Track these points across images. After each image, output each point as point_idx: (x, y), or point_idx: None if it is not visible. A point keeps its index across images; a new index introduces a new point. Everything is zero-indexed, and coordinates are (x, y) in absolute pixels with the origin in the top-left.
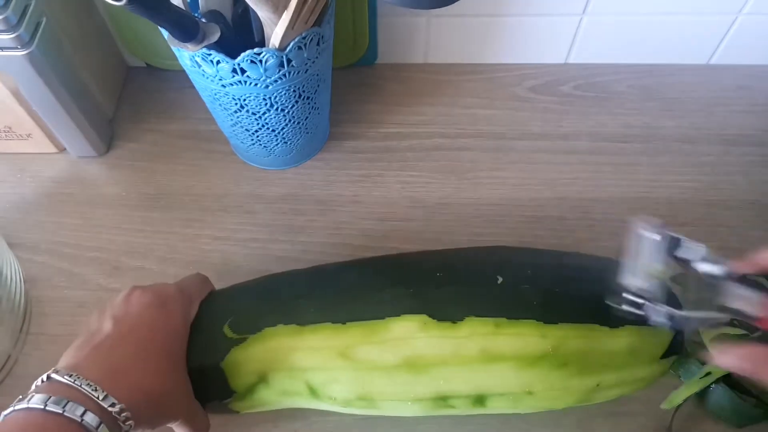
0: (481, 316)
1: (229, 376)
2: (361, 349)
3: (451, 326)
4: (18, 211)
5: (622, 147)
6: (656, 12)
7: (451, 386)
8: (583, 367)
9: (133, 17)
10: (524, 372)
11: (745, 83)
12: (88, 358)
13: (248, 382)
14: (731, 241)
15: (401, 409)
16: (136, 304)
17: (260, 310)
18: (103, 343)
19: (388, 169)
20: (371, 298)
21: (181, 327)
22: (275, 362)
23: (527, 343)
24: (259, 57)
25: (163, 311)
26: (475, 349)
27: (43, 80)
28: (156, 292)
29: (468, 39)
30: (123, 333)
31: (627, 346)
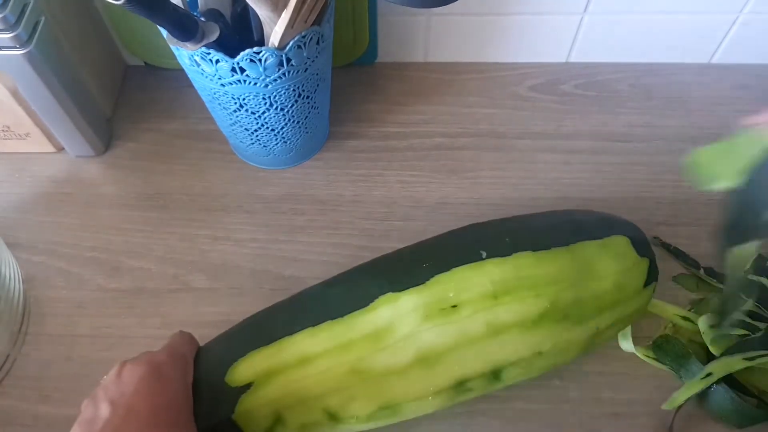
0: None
1: (244, 426)
2: (371, 359)
3: (452, 310)
4: (16, 210)
5: (623, 146)
6: (657, 11)
7: (466, 369)
8: (581, 315)
9: (131, 16)
10: (530, 334)
11: (746, 82)
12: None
13: (264, 426)
14: None
15: (423, 407)
16: (130, 380)
17: (253, 345)
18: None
19: (388, 169)
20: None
21: (182, 393)
22: (286, 398)
23: (526, 305)
24: (258, 56)
25: (160, 382)
26: (480, 326)
27: (42, 79)
28: (148, 362)
29: (468, 38)
30: (122, 416)
31: (612, 284)
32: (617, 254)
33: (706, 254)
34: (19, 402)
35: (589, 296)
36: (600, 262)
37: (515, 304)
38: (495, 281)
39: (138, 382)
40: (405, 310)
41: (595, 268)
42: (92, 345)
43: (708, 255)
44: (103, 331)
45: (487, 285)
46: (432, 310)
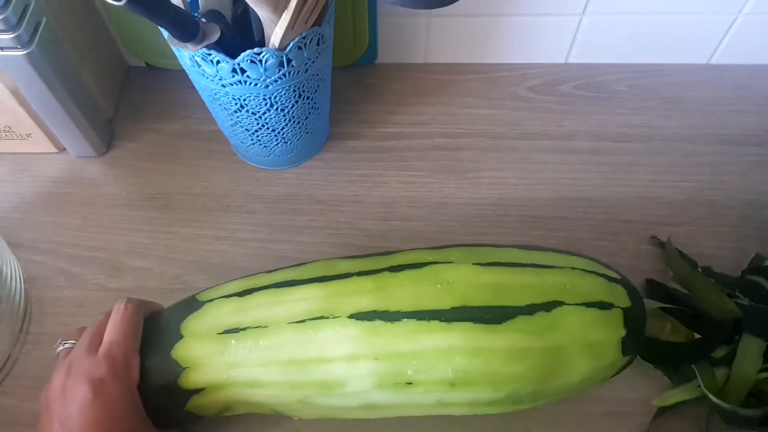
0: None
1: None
2: (318, 398)
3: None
4: (18, 210)
5: (622, 147)
6: (656, 12)
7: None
8: (536, 399)
9: (132, 17)
10: (480, 409)
11: (745, 83)
12: None
13: (215, 412)
14: (730, 240)
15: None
16: (72, 401)
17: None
18: None
19: (388, 169)
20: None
21: (123, 403)
22: (236, 402)
23: (482, 394)
24: (259, 57)
25: (100, 400)
26: (431, 400)
27: (43, 80)
28: (87, 379)
29: (468, 39)
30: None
31: (580, 380)
32: (598, 354)
33: (704, 254)
34: (21, 401)
35: (549, 389)
36: (575, 361)
37: (471, 393)
38: (457, 370)
39: (81, 405)
40: (360, 373)
41: (568, 365)
42: None
43: (707, 255)
44: None
45: (449, 373)
46: (386, 381)
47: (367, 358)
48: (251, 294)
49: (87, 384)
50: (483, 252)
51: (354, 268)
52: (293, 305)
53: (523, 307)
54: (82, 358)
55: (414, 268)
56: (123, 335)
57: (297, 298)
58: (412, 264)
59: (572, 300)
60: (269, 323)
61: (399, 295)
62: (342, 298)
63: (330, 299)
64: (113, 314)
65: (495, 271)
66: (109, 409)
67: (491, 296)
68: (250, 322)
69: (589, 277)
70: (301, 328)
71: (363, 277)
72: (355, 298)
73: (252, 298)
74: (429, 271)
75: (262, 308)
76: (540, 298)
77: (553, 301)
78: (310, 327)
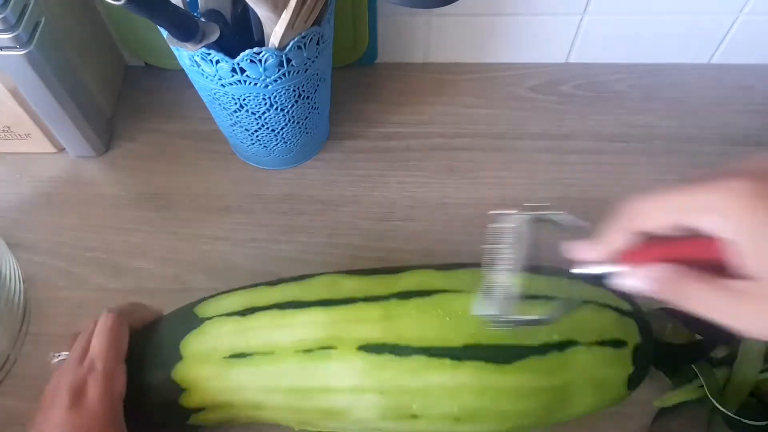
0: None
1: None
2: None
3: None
4: (17, 210)
5: (622, 147)
6: (657, 11)
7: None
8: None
9: (132, 17)
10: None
11: (745, 83)
12: None
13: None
14: None
15: None
16: (53, 409)
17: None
18: None
19: (388, 169)
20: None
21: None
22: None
23: (486, 427)
24: (258, 56)
25: (76, 409)
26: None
27: (42, 80)
28: (68, 387)
29: (468, 38)
30: None
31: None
32: (605, 390)
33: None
34: (20, 402)
35: (552, 420)
36: (581, 396)
37: (475, 426)
38: (463, 407)
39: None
40: (364, 404)
41: (574, 400)
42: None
43: None
44: None
45: (454, 409)
46: (391, 414)
47: (372, 392)
48: (253, 314)
49: (67, 392)
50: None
51: (360, 291)
52: (298, 330)
53: (536, 347)
54: (69, 368)
55: (422, 296)
56: (106, 346)
57: (301, 322)
58: (421, 291)
59: (586, 339)
60: (274, 349)
61: (407, 327)
62: (349, 326)
63: (336, 326)
64: (98, 325)
65: None
66: (84, 417)
67: (503, 334)
68: (254, 348)
69: (603, 312)
70: (308, 358)
71: (370, 304)
72: (362, 326)
73: (254, 318)
74: (438, 302)
75: (265, 331)
76: (554, 336)
77: (567, 341)
78: (316, 356)
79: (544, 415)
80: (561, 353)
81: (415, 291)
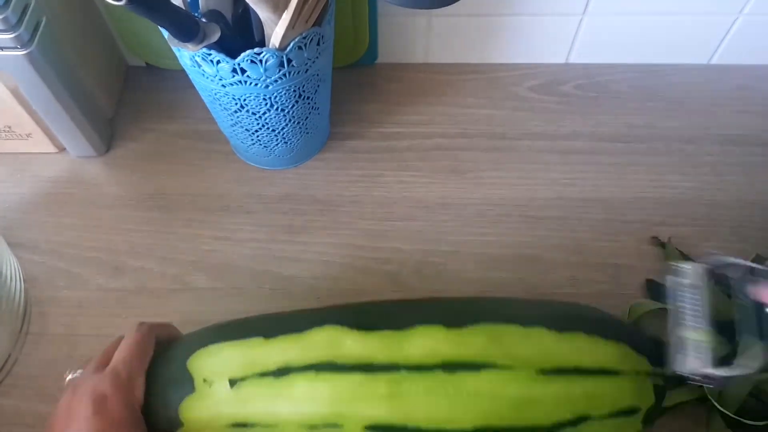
0: None
1: None
2: None
3: None
4: (18, 210)
5: (622, 147)
6: (657, 12)
7: None
8: None
9: (133, 17)
10: None
11: (745, 83)
12: None
13: None
14: (731, 241)
15: None
16: (75, 419)
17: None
18: None
19: (388, 169)
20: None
21: (124, 420)
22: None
23: None
24: (259, 57)
25: (100, 416)
26: None
27: (43, 80)
28: (89, 394)
29: (468, 39)
30: None
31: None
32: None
33: (704, 254)
34: (21, 402)
35: None
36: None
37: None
38: None
39: (82, 424)
40: None
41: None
42: (93, 345)
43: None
44: (104, 331)
45: None
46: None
47: None
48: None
49: (89, 399)
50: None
51: (364, 357)
52: (301, 405)
53: (549, 427)
54: (87, 378)
55: (431, 370)
56: (130, 354)
57: (304, 396)
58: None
59: (599, 412)
60: (277, 422)
61: (415, 406)
62: (354, 404)
63: (341, 403)
64: (126, 335)
65: (521, 382)
66: (108, 425)
67: (517, 416)
68: (255, 419)
69: (620, 380)
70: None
71: (376, 378)
72: (368, 404)
73: (252, 386)
74: (448, 380)
75: (266, 402)
76: (567, 414)
77: (580, 417)
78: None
79: None
80: (574, 428)
81: (424, 365)
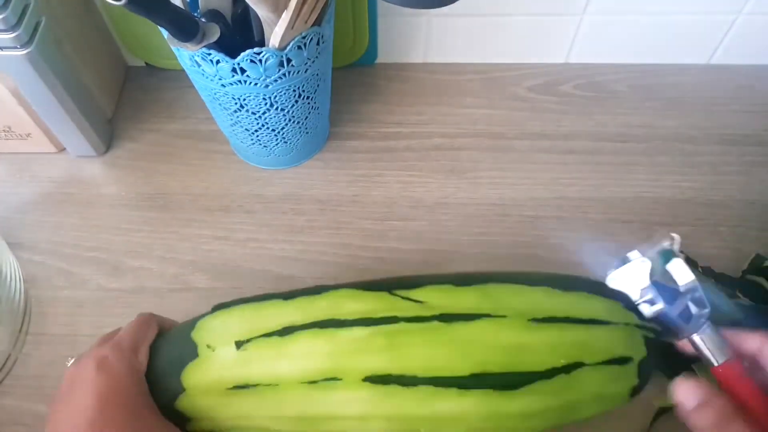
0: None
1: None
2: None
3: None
4: (17, 210)
5: (622, 147)
6: (656, 12)
7: None
8: None
9: (132, 17)
10: None
11: (745, 83)
12: None
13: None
14: (730, 241)
15: None
16: (79, 383)
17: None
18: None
19: (387, 169)
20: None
21: (130, 381)
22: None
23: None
24: (258, 56)
25: (104, 375)
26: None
27: (43, 80)
28: (94, 358)
29: (468, 38)
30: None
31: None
32: (609, 402)
33: (705, 254)
34: (20, 402)
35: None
36: (586, 409)
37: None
38: (470, 428)
39: (86, 379)
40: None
41: (578, 413)
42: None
43: (707, 255)
44: (104, 331)
45: (461, 430)
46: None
47: (379, 419)
48: (251, 343)
49: (92, 362)
50: (500, 295)
51: (364, 312)
52: (300, 361)
53: (543, 372)
54: (91, 349)
55: (426, 321)
56: (133, 330)
57: (304, 353)
58: (424, 318)
59: (592, 359)
60: (278, 381)
61: (413, 356)
62: (352, 356)
63: (340, 357)
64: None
65: (514, 329)
66: (112, 379)
67: (511, 361)
68: (256, 379)
69: (611, 329)
70: (313, 389)
71: (373, 331)
72: (366, 357)
73: (253, 348)
74: (444, 330)
75: (267, 362)
76: (560, 360)
77: (574, 363)
78: (321, 387)
79: (549, 427)
80: (567, 375)
81: (421, 317)
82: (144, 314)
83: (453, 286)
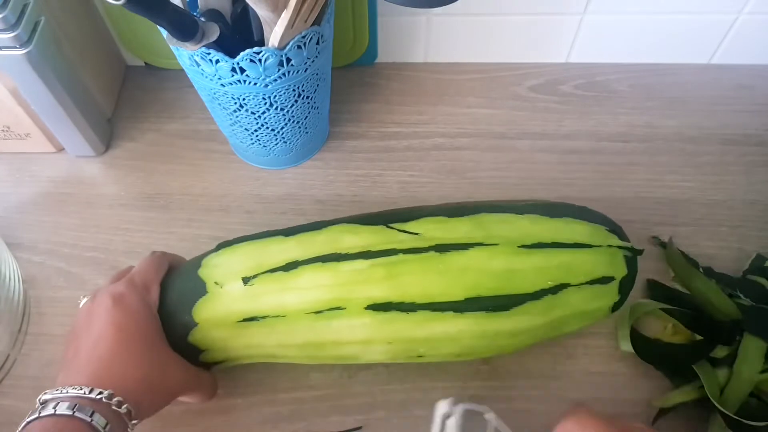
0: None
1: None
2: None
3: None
4: (16, 210)
5: (622, 147)
6: (657, 11)
7: None
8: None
9: (131, 16)
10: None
11: (745, 83)
12: (70, 371)
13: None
14: (731, 241)
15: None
16: (96, 316)
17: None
18: (79, 356)
19: (388, 169)
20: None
21: (144, 315)
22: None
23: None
24: (258, 56)
25: (120, 308)
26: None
27: (42, 80)
28: (110, 292)
29: (468, 38)
30: (94, 342)
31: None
32: (592, 317)
33: (705, 254)
34: (20, 402)
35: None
36: (571, 324)
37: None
38: (464, 347)
39: (102, 316)
40: (374, 351)
41: (564, 328)
42: None
43: (708, 255)
44: None
45: (456, 349)
46: (399, 356)
47: (381, 342)
48: (258, 278)
49: (108, 296)
50: (491, 224)
51: (364, 246)
52: (306, 293)
53: (532, 294)
54: (105, 287)
55: (423, 252)
56: (144, 268)
57: (308, 285)
58: (421, 249)
59: (577, 280)
60: (285, 312)
61: (411, 284)
62: (354, 287)
63: (342, 288)
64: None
65: (505, 256)
66: (128, 312)
67: (502, 284)
68: (265, 311)
69: (594, 252)
70: (318, 318)
71: (373, 263)
72: (367, 286)
73: (260, 283)
74: (439, 260)
75: (274, 296)
76: (548, 282)
77: (560, 284)
78: (326, 316)
79: (537, 341)
80: (554, 296)
81: (418, 248)
82: (156, 252)
83: (446, 217)
